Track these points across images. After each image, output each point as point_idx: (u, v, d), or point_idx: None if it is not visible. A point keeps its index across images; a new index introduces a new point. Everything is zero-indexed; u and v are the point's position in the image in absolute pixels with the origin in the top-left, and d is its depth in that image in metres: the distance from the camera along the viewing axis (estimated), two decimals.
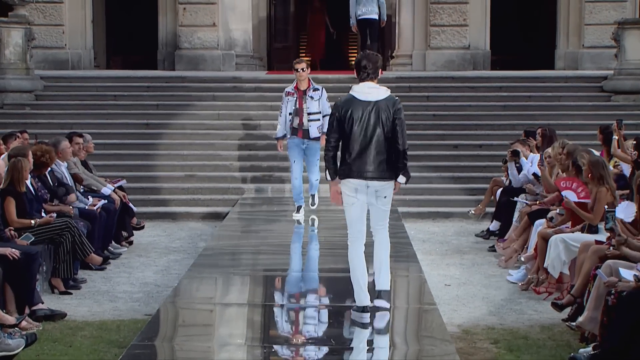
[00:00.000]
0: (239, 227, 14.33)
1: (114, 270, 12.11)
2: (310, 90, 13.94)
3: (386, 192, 8.67)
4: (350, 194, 8.63)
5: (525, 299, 10.59)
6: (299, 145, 13.99)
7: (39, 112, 19.57)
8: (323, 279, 10.88)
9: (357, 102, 8.64)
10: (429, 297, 9.53)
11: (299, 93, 13.93)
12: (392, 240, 9.09)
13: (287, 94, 14.00)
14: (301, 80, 13.93)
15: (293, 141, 13.99)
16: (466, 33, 23.52)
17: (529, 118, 18.67)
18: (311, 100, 13.88)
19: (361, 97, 8.68)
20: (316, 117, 13.90)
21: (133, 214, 14.12)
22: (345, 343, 7.82)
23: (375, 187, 8.61)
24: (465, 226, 15.48)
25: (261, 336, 7.95)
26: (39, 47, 22.54)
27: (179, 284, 10.15)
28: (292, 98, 13.93)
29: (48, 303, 9.95)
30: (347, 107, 8.62)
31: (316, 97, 13.92)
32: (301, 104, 13.88)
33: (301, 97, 13.90)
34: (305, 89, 13.93)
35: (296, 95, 13.94)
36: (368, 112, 8.59)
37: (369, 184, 8.59)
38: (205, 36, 23.37)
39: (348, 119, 8.57)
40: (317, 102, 13.90)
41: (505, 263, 12.31)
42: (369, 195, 8.64)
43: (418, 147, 18.24)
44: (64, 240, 10.82)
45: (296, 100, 13.90)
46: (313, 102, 13.89)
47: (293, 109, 13.89)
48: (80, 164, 13.51)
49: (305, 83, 13.96)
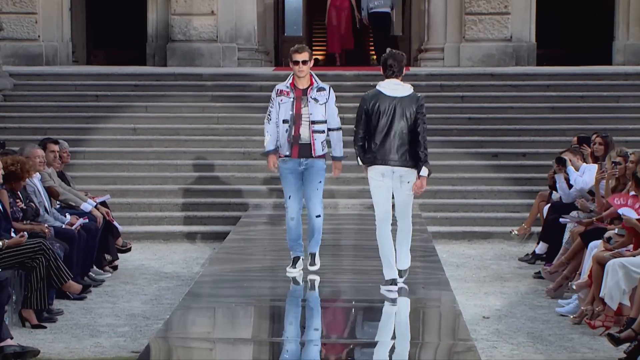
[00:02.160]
0: (242, 249, 14.32)
1: (95, 300, 12.11)
2: (312, 90, 11.66)
3: (409, 178, 10.96)
4: (377, 178, 11.01)
5: (578, 335, 10.57)
6: (294, 170, 11.71)
7: (7, 115, 19.67)
8: (338, 310, 10.87)
9: (384, 97, 10.96)
10: (464, 331, 9.52)
11: (297, 93, 11.65)
12: (420, 265, 12.06)
13: (279, 94, 11.71)
14: (300, 77, 11.64)
15: (286, 165, 11.72)
16: (508, 22, 23.56)
17: (581, 122, 18.67)
18: (314, 103, 11.60)
19: (387, 92, 10.99)
20: (320, 127, 11.63)
21: (118, 233, 14.14)
22: None
23: (400, 173, 10.95)
24: (507, 248, 15.47)
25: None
26: (7, 39, 22.70)
27: (172, 316, 10.15)
28: (286, 99, 11.62)
29: (18, 338, 9.95)
30: (375, 100, 10.95)
31: (321, 100, 11.63)
32: (299, 108, 11.60)
33: (299, 99, 11.62)
34: (306, 88, 11.66)
35: (292, 95, 11.63)
36: (393, 106, 10.89)
37: (394, 169, 10.93)
38: (202, 26, 23.48)
39: (375, 111, 10.91)
40: (322, 107, 11.63)
41: (554, 292, 12.28)
42: (394, 180, 10.98)
43: (451, 155, 18.28)
44: (37, 264, 10.84)
45: (293, 103, 11.60)
46: (317, 107, 11.61)
47: (289, 114, 11.59)
48: (56, 176, 13.54)
49: (305, 80, 11.69)
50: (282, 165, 11.74)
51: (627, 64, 23.32)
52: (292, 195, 11.74)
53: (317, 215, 11.74)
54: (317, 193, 11.72)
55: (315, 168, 11.67)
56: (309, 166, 11.67)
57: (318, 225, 11.74)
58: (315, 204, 11.75)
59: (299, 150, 11.63)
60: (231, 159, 18.18)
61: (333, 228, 14.67)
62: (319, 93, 11.69)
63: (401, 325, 10.21)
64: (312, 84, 11.74)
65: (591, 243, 11.67)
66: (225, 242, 14.64)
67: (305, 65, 11.64)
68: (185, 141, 18.76)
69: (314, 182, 11.69)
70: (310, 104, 11.62)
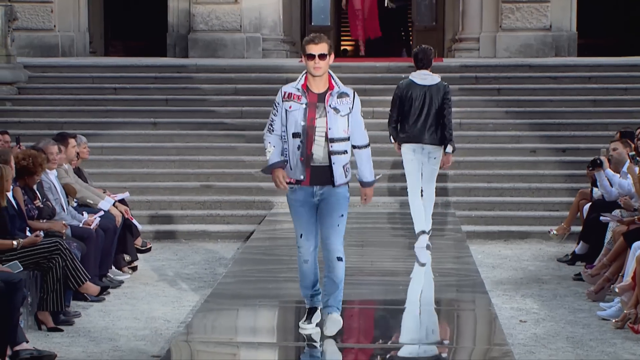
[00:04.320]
0: (267, 249, 14.37)
1: (114, 302, 12.17)
2: (332, 96, 9.20)
3: (436, 154, 13.41)
4: (409, 154, 13.40)
5: (621, 340, 10.55)
6: (307, 202, 9.35)
7: (22, 109, 19.78)
8: (368, 313, 10.91)
9: (415, 85, 13.34)
10: (500, 336, 9.54)
11: (311, 98, 9.19)
12: (454, 266, 13.12)
13: (287, 97, 9.24)
14: (316, 76, 9.20)
15: (295, 196, 9.40)
16: (547, 11, 23.52)
17: (625, 116, 18.64)
18: (334, 114, 9.16)
19: (418, 81, 13.39)
20: (341, 146, 9.20)
21: (137, 233, 14.20)
22: None
23: (429, 150, 13.39)
24: (545, 249, 15.46)
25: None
26: (21, 29, 22.76)
27: (193, 319, 10.21)
28: (297, 106, 9.19)
29: (34, 342, 10.03)
30: (408, 88, 13.34)
31: (343, 111, 9.19)
32: (312, 118, 9.16)
33: (314, 106, 9.18)
34: (323, 93, 9.21)
35: (305, 100, 9.19)
36: (423, 93, 13.29)
37: (423, 147, 13.35)
38: (226, 15, 23.54)
39: (408, 98, 13.29)
40: (344, 120, 9.20)
41: (595, 295, 12.27)
42: (423, 155, 13.39)
43: (486, 151, 18.28)
44: (54, 265, 10.91)
45: (305, 111, 9.19)
46: (337, 119, 9.17)
47: (300, 126, 9.19)
48: (73, 172, 13.61)
49: (323, 82, 9.24)
50: (291, 196, 9.39)
51: None
52: (305, 232, 9.34)
53: (338, 257, 9.27)
54: (338, 230, 9.26)
55: (335, 198, 9.26)
56: (325, 196, 9.26)
57: (339, 272, 9.29)
58: (335, 244, 9.25)
59: (312, 174, 9.23)
60: (255, 154, 18.17)
61: (359, 227, 14.70)
62: (340, 100, 9.18)
63: (434, 328, 10.24)
64: (332, 88, 9.21)
65: (635, 243, 11.64)
66: (249, 242, 14.70)
67: (323, 61, 9.11)
68: (207, 136, 18.82)
69: (333, 216, 9.25)
70: (330, 115, 9.13)
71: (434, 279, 12.41)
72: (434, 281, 12.35)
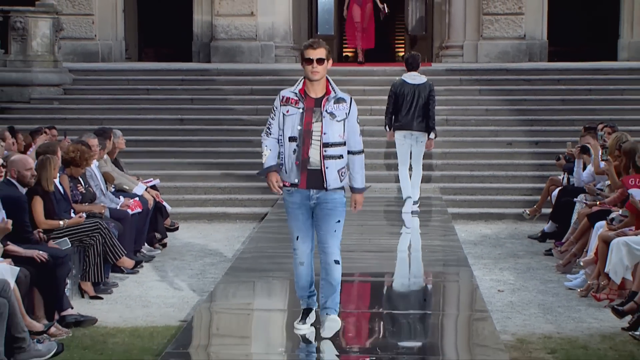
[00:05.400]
0: (279, 228, 14.34)
1: (146, 274, 12.19)
2: (328, 101, 8.19)
3: (422, 139, 14.62)
4: (400, 139, 14.66)
5: (585, 306, 10.55)
6: (303, 204, 8.31)
7: (67, 107, 19.80)
8: (366, 284, 10.90)
9: (406, 84, 14.56)
10: (481, 303, 9.53)
11: (308, 103, 8.19)
12: (441, 243, 12.82)
13: (284, 102, 8.28)
14: (314, 80, 8.21)
15: (292, 198, 8.33)
16: (522, 22, 23.51)
17: (589, 113, 18.58)
18: (330, 120, 8.13)
19: (409, 81, 14.61)
20: (336, 151, 8.14)
21: (167, 214, 14.20)
22: (392, 351, 7.84)
23: (416, 135, 14.60)
24: (520, 228, 15.44)
25: (301, 345, 7.99)
26: (67, 38, 22.79)
27: (215, 289, 10.21)
28: (294, 110, 8.19)
29: (78, 308, 10.05)
30: (401, 86, 14.56)
31: (339, 116, 8.16)
32: (309, 122, 8.14)
33: (310, 111, 8.17)
34: (320, 98, 8.20)
35: (302, 105, 8.19)
36: (413, 90, 14.51)
37: (412, 133, 14.58)
38: (243, 26, 23.53)
39: (401, 94, 14.50)
40: (339, 125, 8.16)
41: (563, 267, 12.27)
42: (412, 140, 14.62)
43: (469, 143, 18.28)
44: (95, 242, 10.93)
45: (302, 115, 8.17)
46: (332, 124, 8.13)
47: (297, 130, 8.16)
48: (111, 162, 13.62)
49: (320, 87, 8.23)
50: (288, 198, 8.35)
51: (631, 60, 23.23)
52: (302, 235, 8.35)
53: (335, 260, 8.25)
54: (335, 235, 8.27)
55: (332, 204, 8.24)
56: (322, 201, 8.23)
57: (336, 275, 8.27)
58: (332, 247, 8.26)
59: (308, 178, 8.18)
60: None
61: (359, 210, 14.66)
62: (337, 105, 8.16)
63: (422, 297, 10.23)
64: (329, 93, 8.22)
65: (597, 223, 11.65)
66: (264, 222, 14.69)
67: (321, 66, 8.15)
68: (227, 130, 18.81)
69: (329, 222, 8.24)
70: (325, 120, 8.11)
71: (423, 255, 12.41)
72: (423, 256, 12.36)
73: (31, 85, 20.03)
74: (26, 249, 9.51)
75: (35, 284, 9.37)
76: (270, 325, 8.87)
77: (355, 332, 8.70)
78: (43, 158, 10.69)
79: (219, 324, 9.12)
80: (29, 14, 20.16)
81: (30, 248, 9.58)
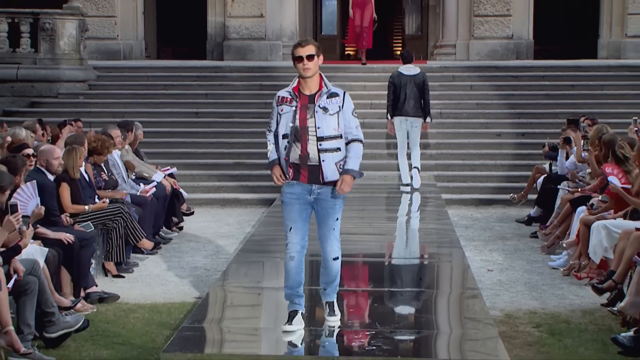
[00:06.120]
0: None
1: (164, 255, 12.20)
2: (322, 96, 7.65)
3: (417, 124, 15.59)
4: (398, 124, 15.56)
5: (567, 284, 10.55)
6: (302, 197, 7.76)
7: (92, 101, 19.79)
8: (366, 264, 10.90)
9: (403, 75, 15.51)
10: (472, 282, 9.52)
11: (302, 100, 7.66)
12: (435, 227, 12.70)
13: (280, 101, 7.74)
14: (306, 77, 7.67)
15: (292, 190, 7.77)
16: (509, 23, 23.48)
17: (571, 107, 18.56)
18: (323, 114, 7.59)
19: (405, 72, 15.53)
20: (331, 144, 7.59)
21: (183, 200, 14.21)
22: (389, 326, 7.85)
23: (411, 120, 15.56)
24: (508, 213, 15.43)
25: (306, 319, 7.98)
26: (92, 38, 22.78)
27: (228, 268, 10.21)
28: (288, 109, 7.67)
29: (102, 286, 10.07)
30: (399, 78, 15.48)
31: (332, 109, 7.61)
32: (304, 119, 7.61)
33: (305, 108, 7.63)
34: (314, 94, 7.67)
35: (295, 103, 7.67)
36: (409, 80, 15.40)
37: (408, 118, 15.53)
38: (253, 27, 23.53)
39: (398, 84, 15.38)
40: (333, 118, 7.60)
41: (547, 249, 12.26)
42: (408, 125, 15.55)
43: (461, 135, 18.25)
44: (117, 225, 10.94)
45: (295, 113, 7.64)
46: (325, 118, 7.58)
47: (289, 127, 7.63)
48: (132, 152, 13.62)
49: (314, 83, 7.69)
50: (287, 190, 7.78)
51: (609, 58, 23.22)
52: (295, 227, 7.79)
53: (334, 257, 7.81)
54: (334, 233, 7.79)
55: (331, 202, 7.71)
56: (322, 197, 7.71)
57: (336, 269, 7.84)
58: (331, 245, 7.81)
59: (309, 173, 7.65)
60: None
61: (361, 196, 14.68)
62: (329, 100, 7.62)
63: (418, 276, 10.23)
64: (321, 89, 7.67)
65: (578, 208, 11.64)
66: (272, 207, 14.68)
67: (312, 62, 7.61)
68: (238, 123, 18.79)
69: (329, 219, 7.76)
70: (318, 114, 7.56)
71: (419, 237, 12.40)
72: (419, 238, 12.35)
73: (59, 81, 20.03)
74: (54, 231, 9.52)
75: (63, 264, 9.39)
76: (278, 302, 8.85)
77: (356, 308, 8.70)
78: (69, 148, 10.72)
79: (231, 300, 9.12)
80: (57, 16, 20.15)
81: (58, 231, 9.59)
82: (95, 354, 7.91)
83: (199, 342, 7.47)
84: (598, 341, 8.31)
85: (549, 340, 8.39)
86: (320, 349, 7.40)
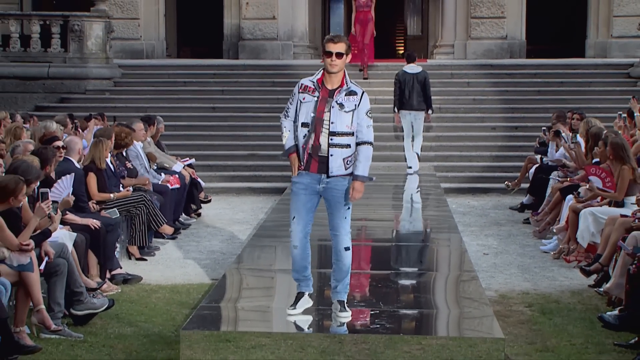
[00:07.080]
0: None
1: (184, 240, 12.20)
2: (341, 92, 7.26)
3: (419, 116, 15.97)
4: (403, 117, 15.97)
5: (557, 267, 10.53)
6: (310, 187, 7.39)
7: (117, 97, 19.80)
8: (372, 248, 10.88)
9: (407, 73, 15.93)
10: (468, 265, 9.50)
11: (323, 93, 7.29)
12: (435, 214, 12.72)
13: (303, 89, 7.39)
14: (332, 72, 7.28)
15: (301, 179, 7.39)
16: (504, 25, 23.42)
17: (561, 102, 18.48)
18: (338, 110, 7.21)
19: (409, 71, 15.93)
20: (342, 140, 7.22)
21: (201, 188, 14.20)
22: (392, 306, 7.83)
23: (414, 113, 15.95)
24: (502, 201, 15.40)
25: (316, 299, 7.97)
26: (117, 39, 22.77)
27: (242, 252, 10.20)
28: (310, 98, 7.31)
29: (126, 268, 10.08)
30: (403, 76, 15.92)
31: (348, 107, 7.23)
32: (322, 111, 7.24)
33: (324, 101, 7.25)
34: (334, 90, 7.27)
35: (318, 94, 7.30)
36: (412, 77, 15.86)
37: (412, 112, 15.94)
38: (266, 28, 23.50)
39: (403, 81, 15.85)
40: (347, 116, 7.22)
41: (538, 234, 12.24)
42: (411, 117, 15.95)
43: (459, 128, 18.23)
44: (140, 212, 10.94)
45: (316, 104, 7.27)
46: (340, 115, 7.21)
47: (310, 117, 7.26)
48: (154, 144, 13.61)
49: (337, 79, 7.30)
50: (296, 179, 7.42)
51: (596, 57, 23.15)
52: (298, 216, 7.44)
53: (345, 247, 7.41)
54: (345, 222, 7.42)
55: (340, 191, 7.32)
56: (330, 187, 7.33)
57: (347, 262, 7.44)
58: (342, 234, 7.41)
59: (319, 164, 7.30)
60: None
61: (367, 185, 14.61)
62: (347, 97, 7.24)
63: (420, 259, 10.22)
64: (343, 85, 7.29)
65: (568, 196, 11.61)
66: (284, 195, 14.65)
67: (340, 60, 7.22)
68: (252, 117, 18.78)
69: (339, 208, 7.38)
70: (334, 110, 7.20)
71: (420, 223, 12.38)
72: (420, 224, 12.32)
73: (86, 79, 20.05)
74: (82, 217, 9.52)
75: (90, 248, 9.38)
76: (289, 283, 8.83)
77: (362, 289, 8.68)
78: (96, 140, 10.73)
79: (245, 282, 9.11)
80: (85, 18, 20.19)
81: (85, 217, 9.59)
82: (119, 331, 7.92)
83: (215, 321, 7.47)
84: (585, 319, 8.29)
85: (540, 319, 8.37)
86: (328, 327, 7.38)
